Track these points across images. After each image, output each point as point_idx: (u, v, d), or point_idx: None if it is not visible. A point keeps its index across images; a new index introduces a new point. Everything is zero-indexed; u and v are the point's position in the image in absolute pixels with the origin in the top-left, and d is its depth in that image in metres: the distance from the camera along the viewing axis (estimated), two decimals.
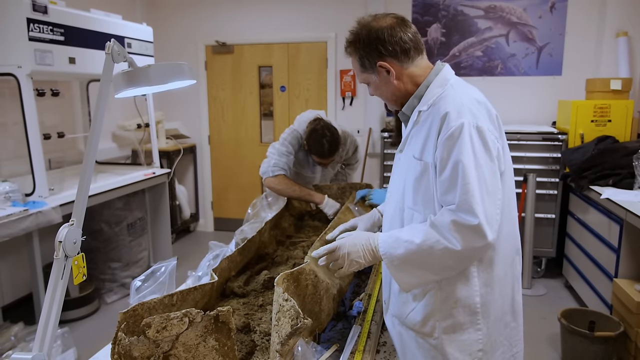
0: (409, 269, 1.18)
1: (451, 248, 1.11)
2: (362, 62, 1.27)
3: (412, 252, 1.15)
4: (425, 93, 1.25)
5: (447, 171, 1.13)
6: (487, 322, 1.22)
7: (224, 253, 1.65)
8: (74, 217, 0.96)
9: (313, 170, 2.68)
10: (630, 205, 2.67)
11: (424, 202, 1.21)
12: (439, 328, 1.23)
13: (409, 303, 1.28)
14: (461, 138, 1.11)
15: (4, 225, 2.53)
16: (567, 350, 2.72)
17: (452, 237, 1.10)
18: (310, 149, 2.45)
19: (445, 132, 1.13)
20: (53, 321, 0.89)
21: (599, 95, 3.71)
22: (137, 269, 3.82)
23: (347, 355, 1.21)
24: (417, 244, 1.14)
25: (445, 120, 1.14)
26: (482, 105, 1.20)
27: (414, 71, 1.26)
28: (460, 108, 1.15)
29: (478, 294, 1.21)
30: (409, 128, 1.28)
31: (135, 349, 0.98)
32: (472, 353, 1.22)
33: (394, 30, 1.22)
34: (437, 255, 1.13)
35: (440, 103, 1.19)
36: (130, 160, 4.69)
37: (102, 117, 1.03)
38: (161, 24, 4.98)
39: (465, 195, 1.09)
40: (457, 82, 1.25)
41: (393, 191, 1.35)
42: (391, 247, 1.19)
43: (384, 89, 1.29)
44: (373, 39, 1.22)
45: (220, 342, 1.03)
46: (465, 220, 1.09)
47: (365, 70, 1.28)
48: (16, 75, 2.68)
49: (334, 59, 4.76)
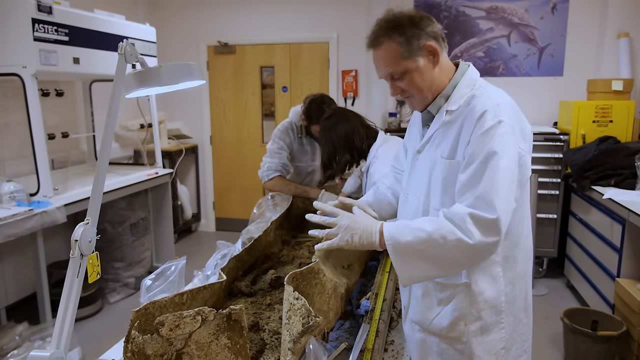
0: (414, 260, 1.13)
1: (465, 240, 1.07)
2: (408, 44, 1.18)
3: (421, 240, 1.10)
4: (453, 93, 1.23)
5: (476, 163, 1.10)
6: (508, 320, 1.23)
7: (232, 252, 1.65)
8: (88, 216, 0.97)
9: (313, 157, 2.66)
10: (632, 205, 2.68)
11: (453, 202, 1.17)
12: (468, 331, 1.22)
13: (434, 308, 1.26)
14: (497, 134, 1.10)
15: (9, 225, 2.54)
16: (570, 349, 2.73)
17: (467, 229, 1.07)
18: (311, 118, 2.44)
19: (481, 128, 1.12)
20: (69, 319, 0.90)
21: (601, 95, 3.72)
22: (140, 268, 3.83)
23: (357, 353, 1.22)
24: (429, 232, 1.09)
25: (482, 117, 1.13)
26: (516, 110, 1.19)
27: (445, 63, 1.24)
28: (497, 108, 1.14)
29: (503, 293, 1.21)
30: (434, 128, 1.26)
31: (149, 347, 0.99)
32: (497, 352, 1.23)
33: (430, 18, 1.22)
34: (448, 247, 1.08)
35: (473, 102, 1.18)
36: (133, 160, 4.70)
37: (115, 117, 1.04)
38: (163, 24, 4.99)
39: (489, 187, 1.07)
40: (485, 83, 1.25)
41: (412, 193, 1.32)
42: (398, 232, 1.13)
43: (425, 77, 1.21)
44: (418, 20, 1.19)
45: (233, 340, 1.04)
46: (483, 214, 1.07)
47: (410, 55, 1.19)
48: (21, 75, 2.69)
49: (336, 60, 4.77)
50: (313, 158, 2.67)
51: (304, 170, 2.66)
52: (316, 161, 2.65)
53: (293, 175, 2.69)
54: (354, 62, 4.70)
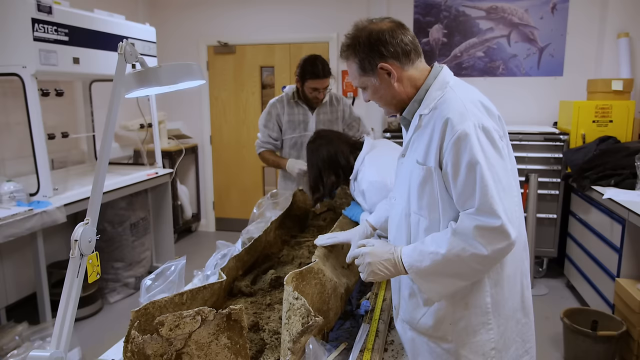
0: (437, 280, 1.17)
1: (478, 254, 1.10)
2: (362, 65, 1.24)
3: (438, 263, 1.14)
4: (425, 96, 1.24)
5: (462, 176, 1.12)
6: (498, 321, 1.23)
7: (232, 252, 1.66)
8: (88, 216, 0.97)
9: (305, 127, 2.74)
10: (632, 205, 2.68)
11: (429, 207, 1.20)
12: (452, 331, 1.23)
13: (420, 308, 1.27)
14: (468, 140, 1.10)
15: (9, 224, 2.54)
16: (570, 349, 2.73)
17: (477, 243, 1.10)
18: (304, 74, 2.57)
19: (451, 137, 1.12)
20: (69, 319, 0.90)
21: (601, 95, 3.73)
22: (140, 268, 3.83)
23: (357, 353, 1.22)
24: (443, 254, 1.13)
25: (448, 125, 1.12)
26: (483, 105, 1.19)
27: (414, 74, 1.25)
28: (462, 110, 1.13)
29: (489, 294, 1.21)
30: (410, 133, 1.27)
31: (149, 347, 0.99)
32: (485, 353, 1.23)
33: (395, 32, 1.21)
34: (465, 262, 1.12)
35: (441, 107, 1.18)
36: (133, 160, 4.70)
37: (115, 117, 1.04)
38: (163, 24, 4.99)
39: (484, 197, 1.08)
40: (457, 84, 1.24)
41: (398, 197, 1.34)
42: (416, 260, 1.18)
43: (383, 92, 1.26)
44: (374, 40, 1.21)
45: (233, 340, 1.04)
46: (488, 223, 1.08)
47: (365, 74, 1.25)
48: (21, 75, 2.68)
49: (336, 60, 4.76)
50: (306, 127, 2.75)
51: (299, 142, 2.75)
52: (309, 131, 2.73)
53: (287, 148, 2.79)
54: None
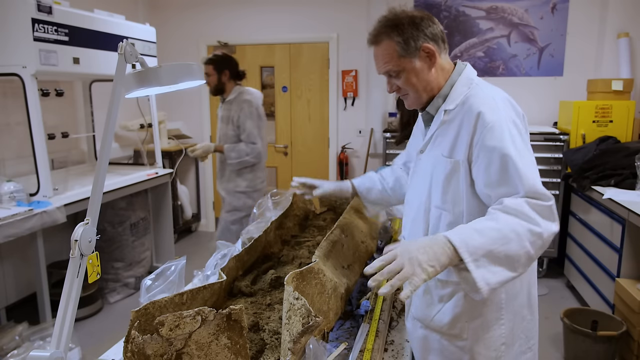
0: (491, 263, 1.02)
1: (535, 230, 1.03)
2: (406, 44, 1.20)
3: (494, 239, 1.01)
4: (451, 92, 1.25)
5: (495, 166, 1.11)
6: (508, 317, 1.24)
7: (232, 252, 1.65)
8: (88, 216, 0.97)
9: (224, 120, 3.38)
10: (632, 205, 2.68)
11: (453, 201, 1.21)
12: (468, 328, 1.23)
13: (434, 305, 1.28)
14: (503, 132, 1.12)
15: (9, 225, 2.54)
16: (570, 349, 2.73)
17: (533, 215, 1.04)
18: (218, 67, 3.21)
19: (483, 130, 1.14)
20: (69, 319, 0.90)
21: (601, 95, 3.72)
22: (139, 268, 3.83)
23: (357, 353, 1.22)
24: (499, 228, 1.02)
25: (480, 118, 1.15)
26: (510, 103, 1.22)
27: (445, 64, 1.27)
28: (493, 105, 1.16)
29: (503, 290, 1.22)
30: (434, 127, 1.28)
31: (149, 347, 0.99)
32: (496, 348, 1.24)
33: (432, 19, 1.24)
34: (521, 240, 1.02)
35: (470, 101, 1.20)
36: (133, 160, 4.70)
37: (115, 117, 1.04)
38: (163, 24, 4.99)
39: (526, 183, 1.08)
40: (481, 82, 1.27)
41: (414, 193, 1.34)
42: (468, 237, 1.02)
43: (420, 77, 1.23)
44: (419, 21, 1.21)
45: (233, 340, 1.04)
46: (540, 203, 1.06)
47: (407, 55, 1.21)
48: (21, 75, 2.68)
49: (336, 60, 4.77)
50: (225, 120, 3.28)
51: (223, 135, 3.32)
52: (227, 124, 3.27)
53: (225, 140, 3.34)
54: (354, 62, 4.70)
